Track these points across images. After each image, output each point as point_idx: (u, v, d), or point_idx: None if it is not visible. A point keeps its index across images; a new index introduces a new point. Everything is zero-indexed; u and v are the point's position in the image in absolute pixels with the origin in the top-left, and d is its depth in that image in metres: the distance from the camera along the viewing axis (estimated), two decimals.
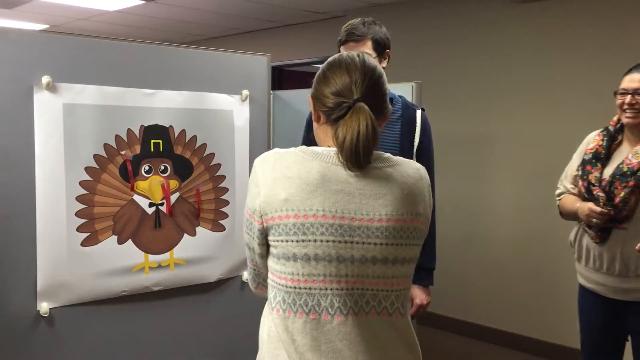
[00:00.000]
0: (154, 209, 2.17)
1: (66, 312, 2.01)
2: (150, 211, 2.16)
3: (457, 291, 4.51)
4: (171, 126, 2.18)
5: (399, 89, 2.47)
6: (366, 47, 2.21)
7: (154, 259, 2.17)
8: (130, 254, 2.11)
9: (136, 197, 2.12)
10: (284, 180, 1.28)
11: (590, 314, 2.49)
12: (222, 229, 2.34)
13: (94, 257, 2.04)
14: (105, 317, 2.09)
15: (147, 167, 2.15)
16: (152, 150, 2.15)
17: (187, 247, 2.24)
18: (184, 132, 2.21)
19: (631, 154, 2.29)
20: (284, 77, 6.50)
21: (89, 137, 2.01)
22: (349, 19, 2.38)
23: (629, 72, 2.35)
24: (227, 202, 2.34)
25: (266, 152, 1.36)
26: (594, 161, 2.38)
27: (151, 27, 6.17)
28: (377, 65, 1.37)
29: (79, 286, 2.01)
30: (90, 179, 2.02)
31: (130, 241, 2.12)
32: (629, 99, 2.29)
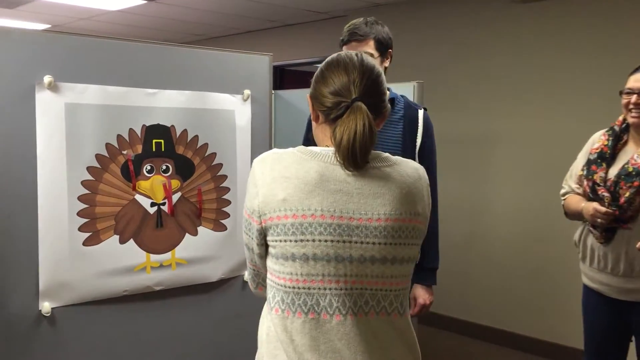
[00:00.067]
0: (155, 208, 2.17)
1: (68, 311, 2.01)
2: (152, 211, 2.16)
3: (458, 291, 4.51)
4: (173, 126, 2.18)
5: (400, 89, 2.47)
6: (369, 47, 2.21)
7: (155, 258, 2.17)
8: (132, 253, 2.11)
9: (138, 197, 2.12)
10: (282, 180, 1.28)
11: (594, 314, 2.48)
12: (223, 228, 2.34)
13: (96, 256, 2.04)
14: (107, 317, 2.09)
15: (148, 167, 2.15)
16: (153, 150, 2.15)
17: (188, 246, 2.24)
18: (185, 131, 2.21)
19: (636, 154, 2.29)
20: (285, 77, 6.51)
21: (91, 136, 2.00)
22: (350, 18, 2.38)
23: (635, 71, 2.34)
24: (228, 202, 2.34)
25: (265, 153, 1.36)
26: (599, 161, 2.38)
27: (152, 27, 6.17)
28: (375, 64, 1.36)
29: (81, 286, 2.01)
30: (92, 178, 2.02)
31: (132, 241, 2.12)
32: (635, 98, 2.28)
